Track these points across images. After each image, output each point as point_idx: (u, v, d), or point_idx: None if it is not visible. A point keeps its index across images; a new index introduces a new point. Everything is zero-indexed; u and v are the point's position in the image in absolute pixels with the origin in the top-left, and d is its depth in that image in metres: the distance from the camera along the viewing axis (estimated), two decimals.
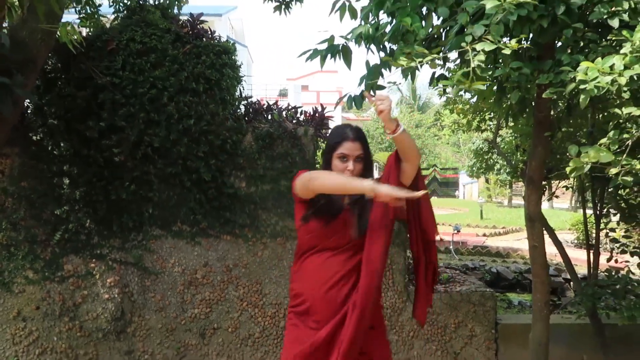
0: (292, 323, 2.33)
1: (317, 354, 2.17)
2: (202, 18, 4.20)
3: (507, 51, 1.82)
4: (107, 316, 3.96)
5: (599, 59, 1.89)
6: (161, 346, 4.01)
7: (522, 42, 1.83)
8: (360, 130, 2.35)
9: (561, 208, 20.17)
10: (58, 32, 3.46)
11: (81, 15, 4.34)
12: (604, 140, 1.87)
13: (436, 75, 2.75)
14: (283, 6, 5.76)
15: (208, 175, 3.95)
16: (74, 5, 4.19)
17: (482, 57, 1.80)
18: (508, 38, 2.06)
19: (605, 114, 3.53)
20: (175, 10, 4.38)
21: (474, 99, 5.84)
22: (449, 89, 1.88)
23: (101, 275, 3.97)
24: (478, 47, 1.83)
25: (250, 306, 4.07)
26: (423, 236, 2.32)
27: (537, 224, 3.45)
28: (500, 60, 2.25)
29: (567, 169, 1.97)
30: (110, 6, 4.36)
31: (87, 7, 4.33)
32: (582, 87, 1.83)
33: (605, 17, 2.01)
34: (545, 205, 22.04)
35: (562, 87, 2.06)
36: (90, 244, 3.99)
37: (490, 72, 1.89)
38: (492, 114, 5.90)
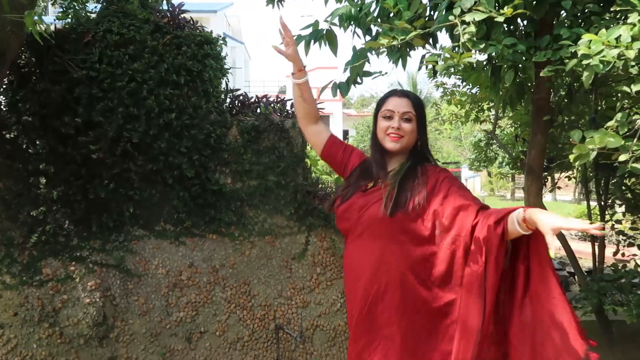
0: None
1: None
2: (196, 14, 4.03)
3: (500, 19, 1.61)
4: (89, 321, 3.77)
5: (603, 30, 1.69)
6: (145, 352, 3.83)
7: (518, 9, 1.62)
8: (413, 93, 2.05)
9: (564, 200, 19.95)
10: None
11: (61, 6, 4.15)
12: (611, 124, 1.66)
13: (424, 63, 2.55)
14: None
15: (191, 171, 3.77)
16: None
17: (472, 29, 1.60)
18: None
19: (611, 98, 3.33)
20: (165, 6, 4.16)
21: (473, 90, 5.65)
22: (438, 67, 1.66)
23: (81, 278, 3.78)
24: (467, 17, 1.63)
25: (238, 308, 3.88)
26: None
27: None
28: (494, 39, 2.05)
29: (571, 157, 1.77)
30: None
31: (74, 3, 4.14)
32: (585, 62, 1.63)
33: None
34: (548, 197, 21.80)
35: (562, 65, 1.86)
36: (70, 246, 3.81)
37: (482, 46, 1.68)
38: (490, 103, 5.71)
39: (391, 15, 2.28)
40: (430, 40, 2.69)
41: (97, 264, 3.81)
